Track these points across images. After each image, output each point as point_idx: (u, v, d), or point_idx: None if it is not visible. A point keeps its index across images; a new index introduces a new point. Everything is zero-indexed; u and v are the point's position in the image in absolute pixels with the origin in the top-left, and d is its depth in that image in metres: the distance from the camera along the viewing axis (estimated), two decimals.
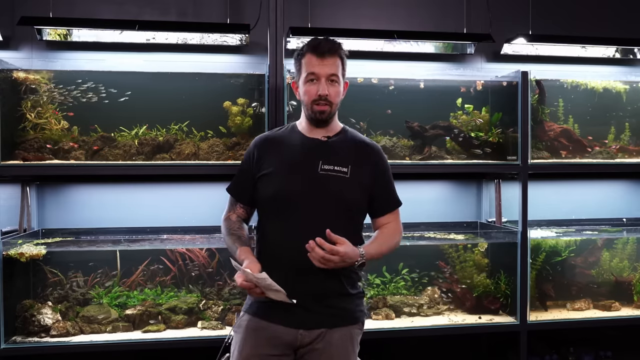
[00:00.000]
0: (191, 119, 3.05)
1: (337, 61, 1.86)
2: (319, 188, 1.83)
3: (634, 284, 3.40)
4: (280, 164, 1.88)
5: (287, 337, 1.83)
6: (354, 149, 1.92)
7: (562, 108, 3.41)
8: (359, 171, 1.88)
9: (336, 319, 1.86)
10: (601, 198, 3.70)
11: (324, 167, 1.85)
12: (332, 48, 1.85)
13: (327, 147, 1.90)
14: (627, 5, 3.68)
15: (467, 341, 3.39)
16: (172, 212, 3.21)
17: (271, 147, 1.94)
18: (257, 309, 1.88)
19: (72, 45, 3.14)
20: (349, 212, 1.87)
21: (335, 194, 1.84)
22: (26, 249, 2.81)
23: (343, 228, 1.80)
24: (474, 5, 3.49)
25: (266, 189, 1.88)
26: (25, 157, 2.81)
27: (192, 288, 3.04)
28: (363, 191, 1.90)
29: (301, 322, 1.83)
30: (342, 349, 1.85)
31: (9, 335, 2.74)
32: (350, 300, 1.90)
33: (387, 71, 3.38)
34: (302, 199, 1.83)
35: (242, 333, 1.88)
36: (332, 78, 1.85)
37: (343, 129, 1.97)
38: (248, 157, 1.97)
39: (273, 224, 1.88)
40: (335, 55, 1.86)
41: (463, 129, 3.25)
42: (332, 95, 1.85)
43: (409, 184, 3.43)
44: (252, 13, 3.19)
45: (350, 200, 1.87)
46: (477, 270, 3.27)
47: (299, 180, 1.84)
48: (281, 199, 1.85)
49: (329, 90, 1.84)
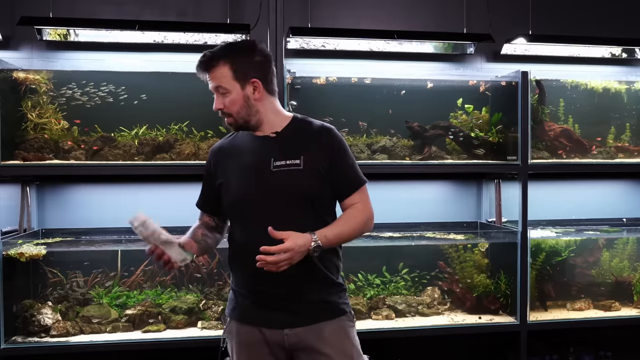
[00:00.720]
0: (191, 119, 3.05)
1: (221, 71, 1.77)
2: (274, 186, 1.79)
3: (634, 284, 3.40)
4: (234, 169, 1.85)
5: (274, 339, 1.81)
6: (305, 137, 1.84)
7: (563, 108, 3.41)
8: (312, 159, 1.80)
9: (320, 314, 1.82)
10: (601, 198, 3.70)
11: (276, 164, 1.79)
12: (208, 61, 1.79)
13: (276, 142, 1.83)
14: (627, 6, 3.67)
15: (467, 341, 3.39)
16: (172, 212, 3.19)
17: (224, 155, 1.91)
18: (241, 314, 1.86)
19: (72, 45, 3.14)
20: (309, 204, 1.80)
21: (291, 189, 1.78)
22: (26, 249, 2.81)
23: (306, 220, 1.77)
24: (474, 5, 3.48)
25: (226, 196, 1.86)
26: (25, 157, 2.81)
27: (192, 288, 3.04)
28: (320, 178, 1.81)
29: (284, 322, 1.80)
30: (336, 340, 1.82)
31: (9, 335, 2.74)
32: (331, 293, 1.85)
33: (387, 71, 3.38)
34: (260, 200, 1.79)
35: (235, 344, 1.87)
36: (220, 91, 1.80)
37: (293, 119, 1.88)
38: (207, 167, 1.96)
39: (237, 229, 1.86)
40: (217, 66, 1.78)
41: (463, 129, 3.25)
42: (227, 106, 1.81)
43: (409, 184, 3.44)
44: (252, 13, 3.19)
45: (308, 191, 1.79)
46: (477, 270, 3.27)
47: (254, 182, 1.81)
48: (239, 203, 1.83)
49: (223, 102, 1.80)
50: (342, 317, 1.86)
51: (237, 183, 1.83)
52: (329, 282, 1.85)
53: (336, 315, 1.85)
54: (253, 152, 1.85)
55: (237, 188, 1.83)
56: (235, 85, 1.79)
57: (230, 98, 1.80)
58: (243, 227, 1.84)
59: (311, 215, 1.80)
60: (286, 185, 1.79)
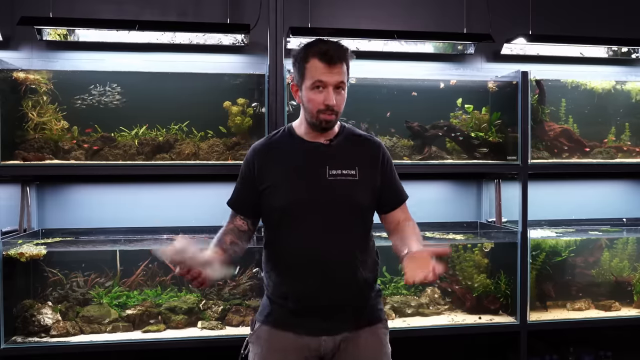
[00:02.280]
0: (191, 119, 3.05)
1: (344, 68, 1.77)
2: (329, 194, 1.78)
3: (634, 284, 3.40)
4: (285, 173, 1.81)
5: (311, 345, 1.80)
6: (358, 148, 1.87)
7: (564, 108, 3.41)
8: (367, 171, 1.84)
9: (358, 321, 1.83)
10: (601, 198, 3.70)
11: (331, 173, 1.79)
12: (342, 55, 1.76)
13: (331, 150, 1.83)
14: (627, 6, 3.67)
15: (467, 341, 3.39)
16: (172, 212, 3.21)
17: (272, 155, 1.85)
18: (276, 320, 1.83)
19: (72, 45, 3.14)
20: (360, 213, 1.82)
21: (346, 198, 1.79)
22: (26, 249, 2.81)
23: (356, 231, 1.80)
24: (474, 5, 3.48)
25: (273, 200, 1.81)
26: (25, 157, 2.81)
27: (192, 288, 3.04)
28: (373, 191, 1.85)
29: (323, 329, 1.79)
30: (371, 349, 1.82)
31: (9, 335, 2.74)
32: (369, 299, 1.86)
33: (387, 71, 3.38)
34: (313, 207, 1.78)
35: (266, 350, 1.82)
36: (339, 85, 1.77)
37: (341, 128, 1.90)
38: (248, 167, 1.87)
39: (286, 234, 1.81)
40: (343, 62, 1.76)
41: (463, 129, 3.25)
42: (339, 104, 1.78)
43: (409, 184, 3.38)
44: (252, 13, 3.19)
45: (362, 202, 1.82)
46: (477, 270, 3.27)
47: (307, 189, 1.79)
48: (291, 209, 1.79)
49: (337, 99, 1.76)
50: (379, 324, 1.88)
51: (288, 187, 1.80)
52: (368, 289, 1.86)
53: (373, 323, 1.86)
54: (305, 157, 1.83)
55: (289, 193, 1.79)
56: (346, 85, 1.82)
57: (343, 96, 1.80)
58: (298, 233, 1.79)
59: (361, 226, 1.83)
60: (342, 194, 1.79)
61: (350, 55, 1.81)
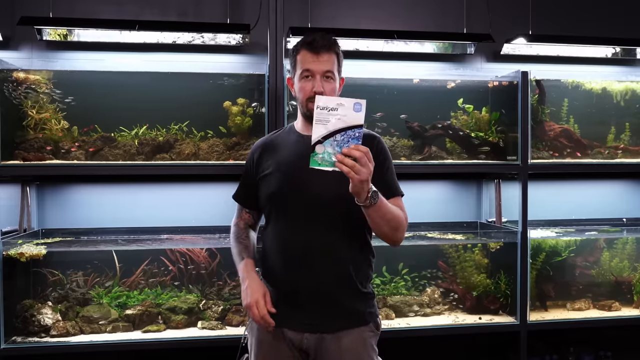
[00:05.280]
0: (191, 119, 3.05)
1: (332, 57, 1.82)
2: (314, 186, 1.80)
3: (634, 284, 3.40)
4: (277, 164, 1.87)
5: (294, 340, 1.83)
6: None
7: (567, 108, 3.40)
8: None
9: (342, 323, 1.82)
10: (601, 198, 3.70)
11: None
12: (327, 44, 1.81)
13: None
14: (627, 6, 3.68)
15: (467, 341, 3.39)
16: (172, 212, 3.21)
17: (269, 149, 1.93)
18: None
19: (72, 45, 3.14)
20: (346, 205, 1.79)
21: (331, 189, 1.79)
22: (26, 249, 2.81)
23: (343, 224, 1.80)
24: (474, 5, 3.48)
25: (265, 189, 1.88)
26: (25, 157, 2.81)
27: (192, 288, 3.04)
28: None
29: (305, 324, 1.81)
30: (353, 352, 1.82)
31: (9, 335, 2.74)
32: (359, 300, 1.86)
33: (387, 71, 3.38)
34: (297, 198, 1.81)
35: (255, 340, 1.87)
36: (327, 74, 1.81)
37: None
38: (248, 163, 1.98)
39: (275, 223, 1.87)
40: (331, 51, 1.82)
41: (463, 129, 3.25)
42: (327, 92, 1.81)
43: (409, 184, 3.40)
44: (252, 13, 3.19)
45: (348, 194, 1.77)
46: (477, 270, 3.27)
47: (294, 180, 1.82)
48: (279, 198, 1.84)
49: (324, 87, 1.80)
50: (363, 327, 1.86)
51: (278, 177, 1.85)
52: (358, 292, 1.85)
53: (358, 325, 1.85)
54: (297, 149, 1.86)
55: (278, 182, 1.84)
56: (337, 76, 1.85)
57: (332, 85, 1.83)
58: (285, 222, 1.84)
59: (348, 220, 1.82)
60: (327, 185, 1.78)
61: (339, 48, 1.86)
